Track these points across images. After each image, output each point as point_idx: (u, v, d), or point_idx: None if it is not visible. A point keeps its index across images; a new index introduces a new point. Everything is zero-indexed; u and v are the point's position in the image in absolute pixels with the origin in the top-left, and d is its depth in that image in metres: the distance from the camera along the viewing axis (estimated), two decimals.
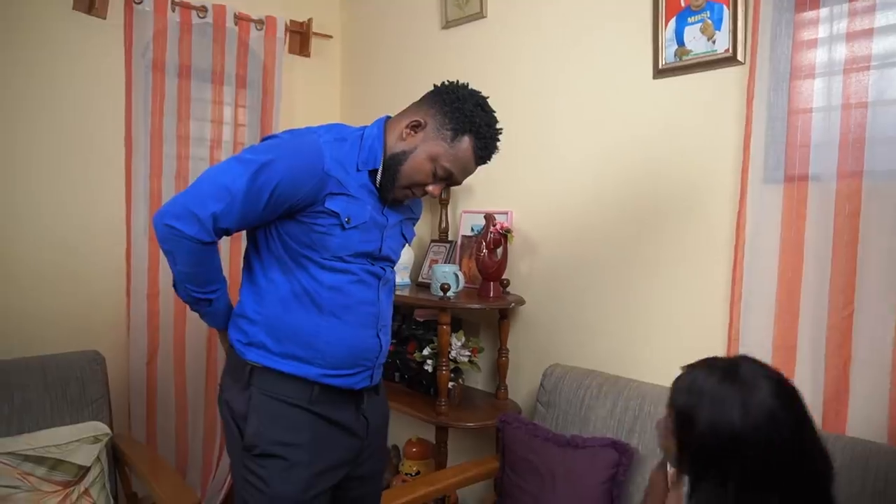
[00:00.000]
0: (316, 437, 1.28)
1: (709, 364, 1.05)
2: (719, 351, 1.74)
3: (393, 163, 1.27)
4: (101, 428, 1.94)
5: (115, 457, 2.01)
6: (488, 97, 1.34)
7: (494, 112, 1.32)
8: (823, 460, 0.97)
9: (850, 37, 1.49)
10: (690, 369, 1.06)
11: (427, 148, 1.26)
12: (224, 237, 1.26)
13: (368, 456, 1.42)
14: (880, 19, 1.45)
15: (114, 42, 2.40)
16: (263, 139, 1.31)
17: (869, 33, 1.47)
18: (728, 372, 1.00)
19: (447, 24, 2.56)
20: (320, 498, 1.30)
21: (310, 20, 2.89)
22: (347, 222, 1.26)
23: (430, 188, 1.30)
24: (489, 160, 1.33)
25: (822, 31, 1.55)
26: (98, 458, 1.91)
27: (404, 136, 1.28)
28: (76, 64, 2.35)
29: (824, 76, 1.54)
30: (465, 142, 1.26)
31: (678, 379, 1.07)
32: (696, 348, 1.82)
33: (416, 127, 1.27)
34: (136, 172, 2.44)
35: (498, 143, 1.32)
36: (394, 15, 2.84)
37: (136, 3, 2.41)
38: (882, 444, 1.44)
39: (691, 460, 1.01)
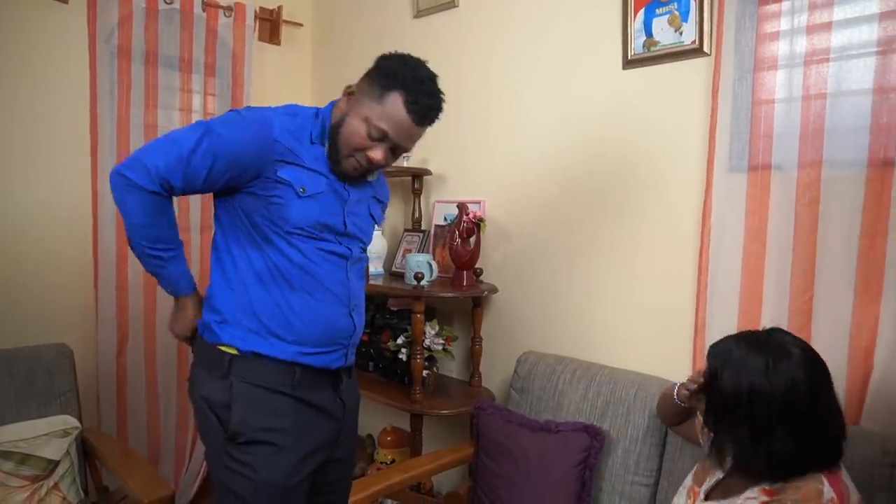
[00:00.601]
0: (299, 421, 1.30)
1: (741, 334, 1.20)
2: (686, 335, 1.80)
3: (333, 132, 1.30)
4: (70, 421, 1.91)
5: (85, 450, 1.98)
6: (462, 88, 1.39)
7: (431, 73, 1.29)
8: (836, 418, 1.11)
9: (811, 30, 1.54)
10: (727, 338, 1.20)
11: (359, 110, 1.27)
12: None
13: (345, 438, 1.44)
14: (838, 13, 1.50)
15: (77, 27, 2.34)
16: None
17: (828, 27, 1.51)
18: (757, 341, 1.14)
19: (419, 13, 2.56)
20: (303, 483, 1.31)
21: (280, 7, 2.85)
22: (302, 191, 1.28)
23: (370, 153, 1.28)
24: (430, 118, 1.29)
25: (783, 24, 1.59)
26: (67, 452, 1.88)
27: (341, 104, 1.33)
28: (36, 49, 2.28)
29: (786, 68, 1.59)
30: (393, 97, 1.24)
31: (714, 344, 1.21)
32: (665, 333, 1.88)
33: (349, 94, 1.31)
34: (102, 162, 2.39)
35: (435, 100, 1.27)
36: (365, 3, 2.82)
37: None
38: None
39: (715, 411, 1.15)
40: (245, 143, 1.24)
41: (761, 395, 1.08)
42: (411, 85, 1.24)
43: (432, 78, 1.29)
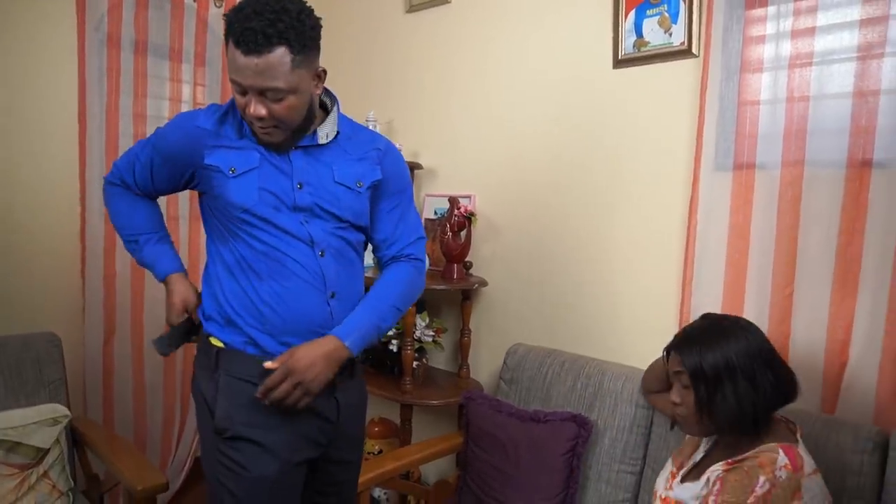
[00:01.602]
0: (285, 420, 1.27)
1: (691, 329, 1.32)
2: (672, 327, 1.85)
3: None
4: (59, 410, 1.90)
5: (74, 439, 1.97)
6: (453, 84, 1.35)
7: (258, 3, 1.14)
8: (788, 375, 1.25)
9: (795, 34, 1.60)
10: (686, 338, 1.29)
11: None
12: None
13: (346, 441, 1.41)
14: (821, 19, 1.56)
15: (65, 13, 2.31)
16: None
17: (811, 31, 1.57)
18: (723, 326, 1.27)
19: (411, 8, 2.58)
20: (294, 476, 1.30)
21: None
22: (232, 171, 1.26)
23: (247, 111, 1.19)
24: (254, 40, 1.11)
25: (769, 28, 1.65)
26: (57, 441, 1.88)
27: None
28: (23, 35, 2.25)
29: (771, 70, 1.65)
30: (230, 45, 1.16)
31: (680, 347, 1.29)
32: (651, 326, 1.93)
33: None
34: (90, 150, 2.36)
35: (253, 20, 1.11)
36: None
37: None
38: (815, 412, 1.57)
39: (705, 390, 1.22)
40: (173, 134, 1.33)
41: (740, 360, 1.20)
42: (233, 19, 1.14)
43: (257, 1, 1.13)
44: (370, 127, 2.45)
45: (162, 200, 1.53)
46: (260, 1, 1.14)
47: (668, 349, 1.32)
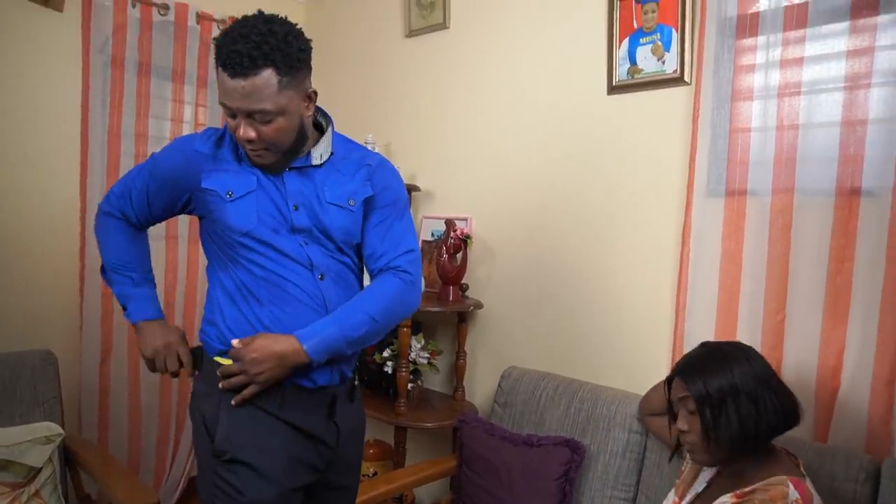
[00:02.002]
0: (284, 445, 1.27)
1: (692, 357, 1.31)
2: (665, 352, 1.86)
3: None
4: (53, 428, 1.90)
5: (67, 458, 1.97)
6: (449, 107, 1.36)
7: (242, 20, 1.17)
8: (790, 398, 1.26)
9: (784, 64, 1.63)
10: (687, 366, 1.29)
11: None
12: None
13: (344, 466, 1.40)
14: (810, 49, 1.59)
15: (71, 36, 2.36)
16: None
17: (800, 62, 1.60)
18: (724, 351, 1.28)
19: (411, 33, 2.62)
20: (291, 500, 1.29)
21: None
22: (229, 195, 1.26)
23: (238, 132, 1.20)
24: (238, 62, 1.13)
25: (759, 58, 1.68)
26: (50, 459, 1.87)
27: None
28: (29, 56, 2.30)
29: (761, 99, 1.67)
30: (218, 67, 1.17)
31: (692, 384, 1.26)
32: (645, 352, 1.94)
33: None
34: (91, 170, 2.40)
35: (238, 43, 1.13)
36: (359, 22, 2.87)
37: None
38: (807, 440, 1.56)
39: (710, 413, 1.21)
40: (170, 159, 1.33)
41: (743, 383, 1.21)
42: (220, 42, 1.15)
43: (242, 24, 1.16)
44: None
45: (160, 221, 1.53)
46: (247, 24, 1.15)
47: (670, 378, 1.31)
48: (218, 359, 1.29)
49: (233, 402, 1.26)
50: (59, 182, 2.36)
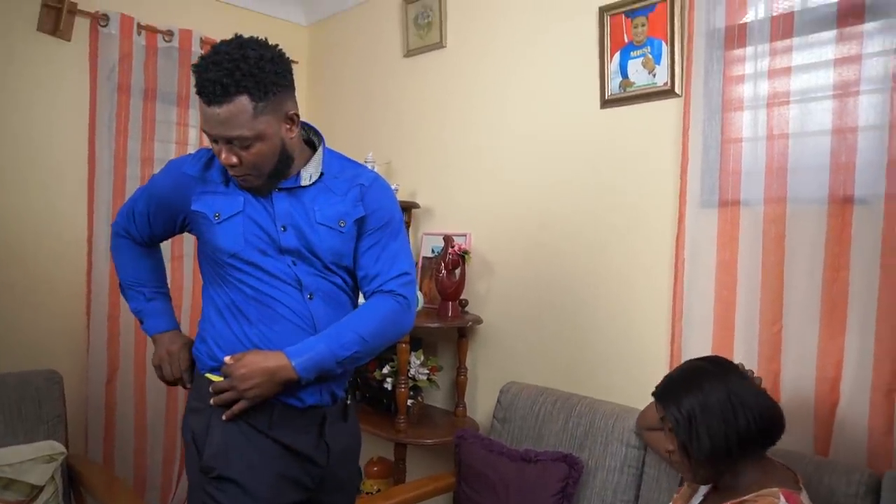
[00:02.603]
0: (272, 463, 1.27)
1: (687, 363, 1.34)
2: (662, 365, 1.83)
3: None
4: (56, 447, 1.93)
5: (71, 477, 1.99)
6: (445, 124, 1.37)
7: (217, 46, 1.17)
8: (768, 411, 1.22)
9: (772, 74, 1.62)
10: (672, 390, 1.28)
11: None
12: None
13: (336, 485, 1.39)
14: (797, 59, 1.59)
15: (78, 64, 2.44)
16: None
17: (787, 71, 1.60)
18: (699, 369, 1.28)
19: (409, 53, 2.66)
20: None
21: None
22: (217, 217, 1.28)
23: (220, 157, 1.21)
24: (211, 90, 1.13)
25: (748, 68, 1.67)
26: (52, 478, 1.89)
27: None
28: (39, 84, 2.37)
29: (751, 109, 1.67)
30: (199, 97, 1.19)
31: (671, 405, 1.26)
32: (643, 364, 1.92)
33: None
34: (98, 192, 2.46)
35: (210, 71, 1.13)
36: (359, 43, 2.93)
37: (101, 25, 2.45)
38: (808, 453, 1.53)
39: (684, 434, 1.21)
40: (164, 182, 1.38)
41: (713, 401, 1.20)
42: (195, 69, 1.16)
43: (216, 50, 1.16)
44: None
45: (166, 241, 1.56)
46: (219, 50, 1.15)
47: (653, 397, 1.32)
48: (209, 375, 1.31)
49: (223, 418, 1.26)
50: (67, 205, 2.42)
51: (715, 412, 1.18)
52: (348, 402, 1.42)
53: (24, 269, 2.33)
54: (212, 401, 1.27)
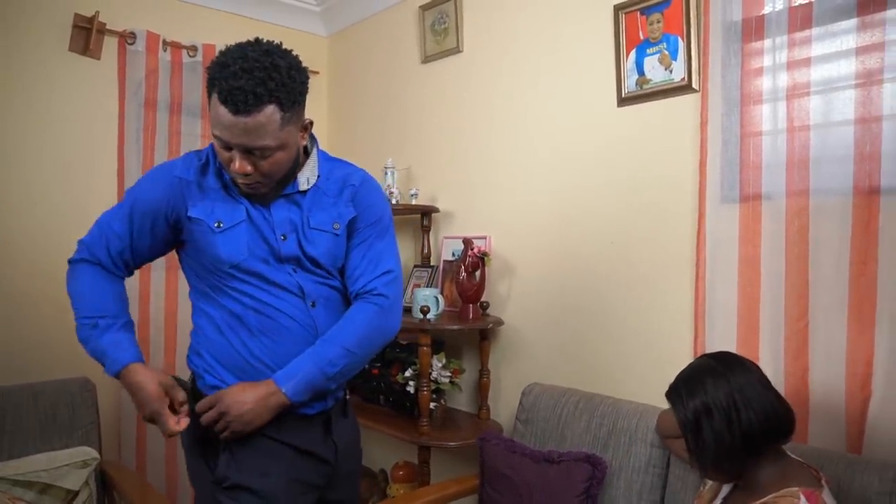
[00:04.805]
0: (286, 467, 1.27)
1: (699, 360, 1.32)
2: (686, 364, 1.80)
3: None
4: (89, 453, 1.98)
5: (105, 483, 2.04)
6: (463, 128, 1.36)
7: (242, 52, 1.11)
8: (776, 408, 1.20)
9: (791, 65, 1.59)
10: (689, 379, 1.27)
11: (212, 128, 1.17)
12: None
13: (341, 481, 1.40)
14: (817, 49, 1.56)
15: (108, 81, 2.52)
16: None
17: (807, 62, 1.57)
18: (707, 368, 1.25)
19: (426, 59, 2.68)
20: None
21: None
22: (218, 226, 1.23)
23: (231, 166, 1.17)
24: (244, 101, 1.09)
25: (766, 61, 1.65)
26: (87, 483, 1.95)
27: None
28: (71, 102, 2.46)
29: (771, 101, 1.64)
30: (214, 100, 1.12)
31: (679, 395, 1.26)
32: (666, 363, 1.88)
33: None
34: None
35: (241, 80, 1.08)
36: (377, 51, 2.96)
37: (128, 43, 2.54)
38: (839, 452, 1.49)
39: (690, 435, 1.21)
40: (152, 190, 1.27)
41: (717, 401, 1.19)
42: (219, 76, 1.10)
43: (242, 56, 1.11)
44: (388, 174, 2.55)
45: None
46: (247, 56, 1.11)
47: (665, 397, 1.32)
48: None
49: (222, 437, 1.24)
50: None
51: (718, 411, 1.17)
52: (347, 398, 1.44)
53: (60, 282, 2.39)
54: (203, 421, 1.22)
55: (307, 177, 1.30)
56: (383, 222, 1.39)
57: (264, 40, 1.17)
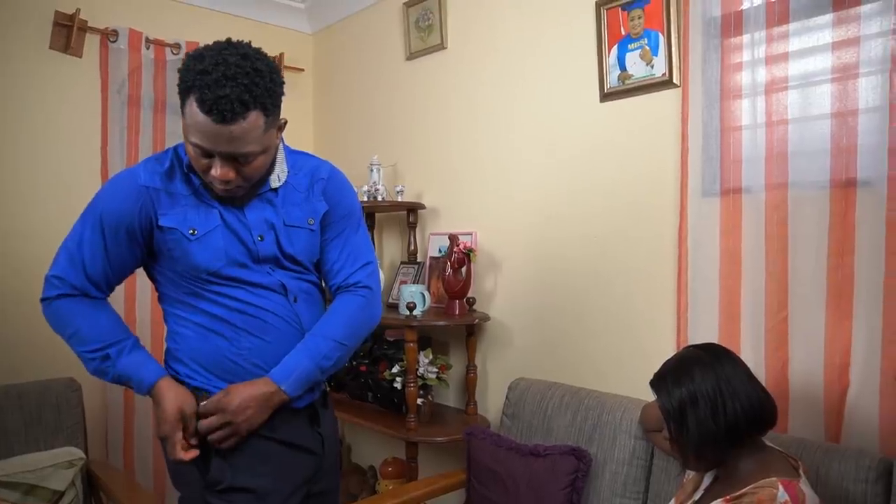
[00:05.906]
0: (279, 465, 1.27)
1: (683, 350, 1.34)
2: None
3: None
4: (75, 453, 1.97)
5: (91, 482, 2.04)
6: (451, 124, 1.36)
7: (223, 57, 1.07)
8: (759, 399, 1.21)
9: (769, 60, 1.61)
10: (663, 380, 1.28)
11: (183, 132, 1.14)
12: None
13: (325, 472, 1.40)
14: (795, 44, 1.58)
15: (90, 79, 2.50)
16: None
17: (785, 57, 1.59)
18: (691, 358, 1.27)
19: (411, 56, 2.69)
20: None
21: (281, 54, 3.00)
22: (192, 233, 1.20)
23: (211, 173, 1.14)
24: (229, 110, 1.06)
25: (745, 56, 1.66)
26: (73, 483, 1.94)
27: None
28: (52, 101, 2.44)
29: (750, 96, 1.66)
30: (189, 104, 1.08)
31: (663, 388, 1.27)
32: (650, 356, 1.89)
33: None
34: None
35: (225, 88, 1.04)
36: (362, 48, 2.96)
37: (110, 41, 2.52)
38: (818, 440, 1.51)
39: (673, 425, 1.22)
40: (115, 202, 1.21)
41: (701, 390, 1.20)
42: (199, 83, 1.06)
43: (222, 62, 1.06)
44: (374, 171, 2.55)
45: None
46: (227, 62, 1.07)
47: (650, 385, 1.33)
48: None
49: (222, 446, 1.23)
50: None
51: (704, 401, 1.19)
52: (327, 389, 1.46)
53: (41, 279, 2.39)
54: (201, 427, 1.20)
55: (278, 174, 1.29)
56: (356, 214, 1.40)
57: (235, 41, 1.15)
